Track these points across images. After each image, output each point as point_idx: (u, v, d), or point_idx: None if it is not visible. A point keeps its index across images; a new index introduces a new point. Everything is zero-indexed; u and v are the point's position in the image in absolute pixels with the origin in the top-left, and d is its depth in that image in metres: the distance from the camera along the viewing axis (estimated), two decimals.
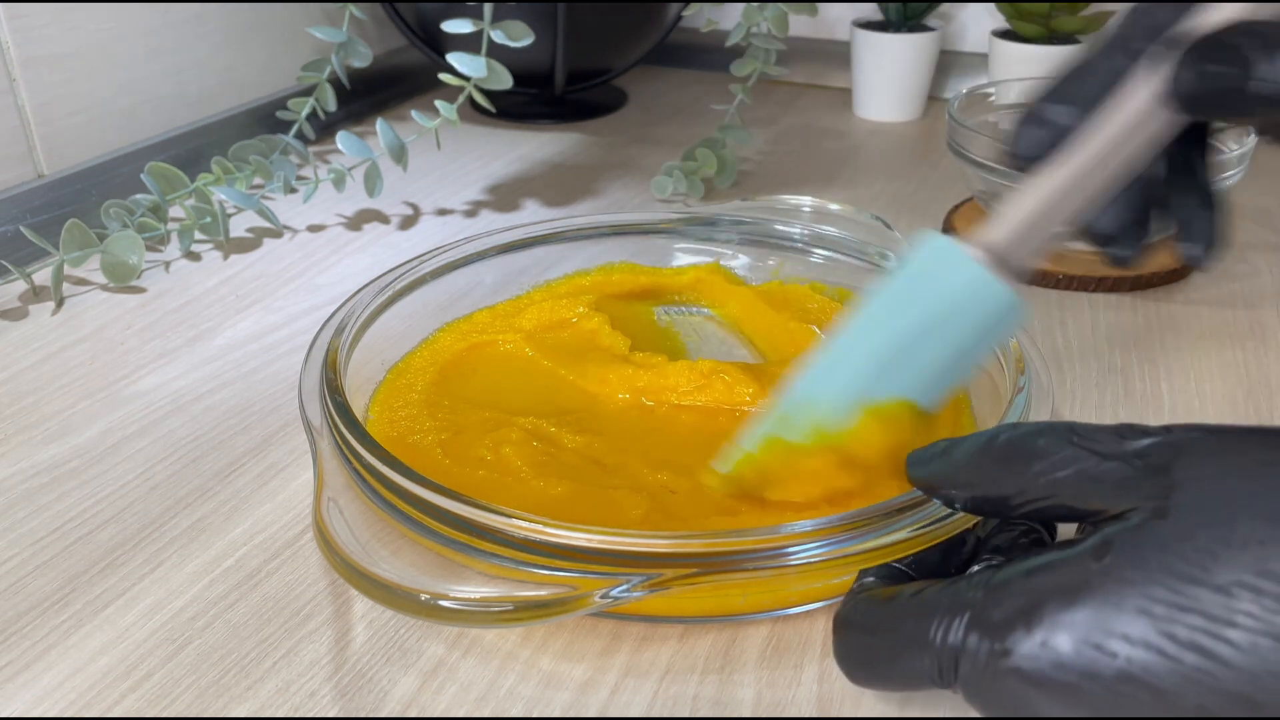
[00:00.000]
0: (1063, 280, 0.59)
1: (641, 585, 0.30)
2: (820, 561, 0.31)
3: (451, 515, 0.33)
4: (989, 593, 0.25)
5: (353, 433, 0.36)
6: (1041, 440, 0.27)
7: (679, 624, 0.35)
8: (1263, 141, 0.31)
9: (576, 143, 0.83)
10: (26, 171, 0.64)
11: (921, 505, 0.32)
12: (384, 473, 0.34)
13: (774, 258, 0.55)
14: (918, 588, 0.27)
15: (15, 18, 0.61)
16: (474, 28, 0.63)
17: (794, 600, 0.34)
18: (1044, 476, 0.26)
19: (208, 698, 0.32)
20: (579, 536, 0.31)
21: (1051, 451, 0.26)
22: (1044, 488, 0.26)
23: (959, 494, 0.29)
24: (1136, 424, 0.26)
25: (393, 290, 0.47)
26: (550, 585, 0.31)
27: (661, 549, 0.31)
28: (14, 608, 0.36)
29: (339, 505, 0.34)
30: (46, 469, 0.43)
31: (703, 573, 0.31)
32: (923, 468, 0.30)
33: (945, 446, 0.30)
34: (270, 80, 0.81)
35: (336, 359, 0.41)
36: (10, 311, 0.56)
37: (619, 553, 0.31)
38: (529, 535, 0.31)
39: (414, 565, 0.32)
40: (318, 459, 0.36)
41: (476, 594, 0.30)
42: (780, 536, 0.31)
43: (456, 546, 0.33)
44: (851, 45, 0.88)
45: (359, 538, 0.32)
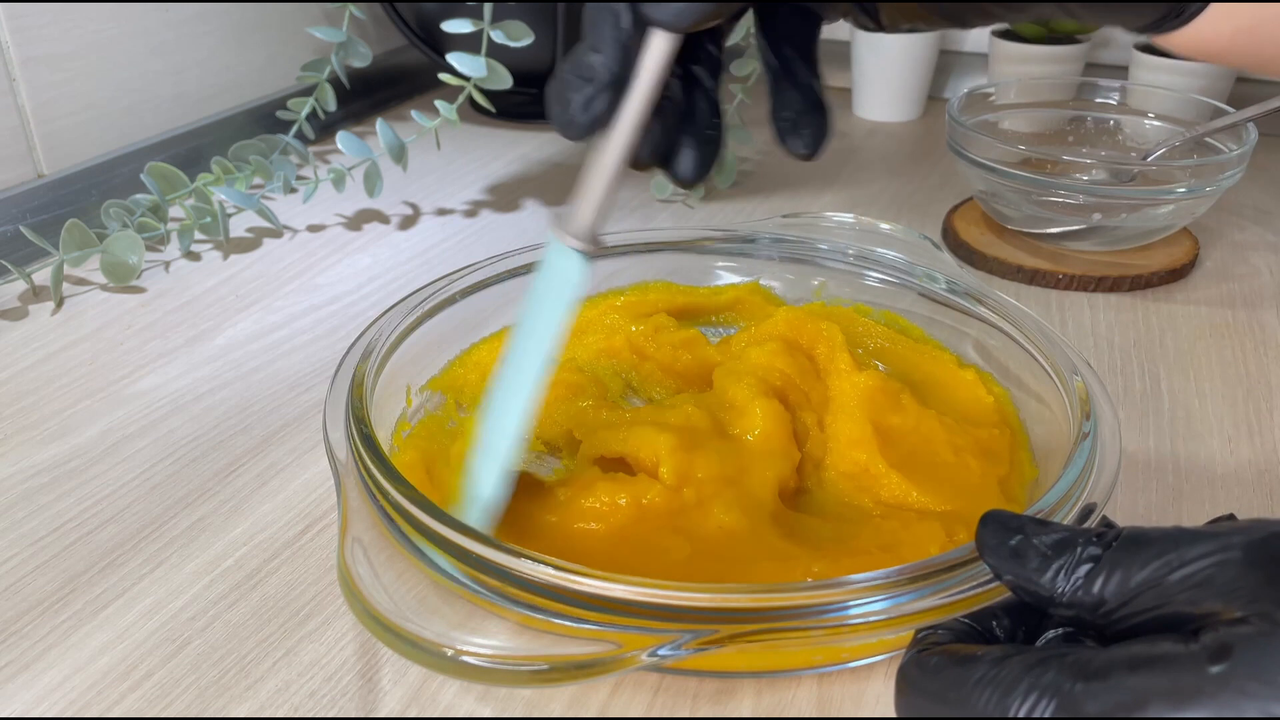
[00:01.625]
0: (1063, 280, 0.59)
1: (693, 643, 0.28)
2: (882, 620, 0.29)
3: (481, 560, 0.30)
4: (1085, 683, 0.22)
5: (380, 468, 0.33)
6: (1154, 546, 0.24)
7: None
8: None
9: (576, 143, 0.83)
10: (26, 171, 0.64)
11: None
12: (412, 512, 0.31)
13: (818, 277, 0.51)
14: (997, 655, 0.24)
15: (15, 18, 0.61)
16: (474, 28, 0.63)
17: (847, 657, 0.32)
18: (1160, 582, 0.24)
19: (208, 698, 0.32)
20: (618, 588, 0.28)
21: (1165, 555, 0.24)
22: (1157, 596, 0.24)
23: (1056, 606, 0.25)
24: (1234, 520, 0.24)
25: (421, 310, 0.44)
26: (587, 640, 0.28)
27: (711, 603, 0.28)
28: (14, 607, 0.36)
29: (363, 545, 0.31)
30: (46, 469, 0.43)
31: (762, 631, 0.28)
32: (1011, 561, 0.27)
33: (1030, 533, 0.27)
34: (270, 80, 0.81)
35: (363, 386, 0.38)
36: (10, 311, 0.56)
37: (665, 606, 0.28)
38: (562, 584, 0.29)
39: (441, 615, 0.30)
40: (342, 494, 0.33)
41: (509, 650, 0.27)
42: (842, 591, 0.29)
43: (487, 594, 0.30)
44: (851, 45, 0.88)
45: (383, 581, 0.30)
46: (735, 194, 0.72)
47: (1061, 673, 0.23)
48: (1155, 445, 0.45)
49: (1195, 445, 0.45)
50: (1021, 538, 0.27)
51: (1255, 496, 0.42)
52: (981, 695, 0.24)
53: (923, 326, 0.49)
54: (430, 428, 0.42)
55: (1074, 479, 0.33)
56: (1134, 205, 0.58)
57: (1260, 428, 0.46)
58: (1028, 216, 0.61)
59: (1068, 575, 0.25)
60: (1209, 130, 0.62)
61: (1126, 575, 0.24)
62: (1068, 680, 0.23)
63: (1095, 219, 0.59)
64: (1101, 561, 0.25)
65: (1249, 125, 0.60)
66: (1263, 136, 0.63)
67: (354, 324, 0.54)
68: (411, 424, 0.43)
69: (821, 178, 0.75)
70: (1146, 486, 0.42)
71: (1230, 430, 0.46)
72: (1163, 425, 0.46)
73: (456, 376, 0.46)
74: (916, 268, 0.49)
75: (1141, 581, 0.24)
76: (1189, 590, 0.23)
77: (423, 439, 0.41)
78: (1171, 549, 0.24)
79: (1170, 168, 0.60)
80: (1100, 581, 0.25)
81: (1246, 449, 0.45)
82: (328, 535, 0.39)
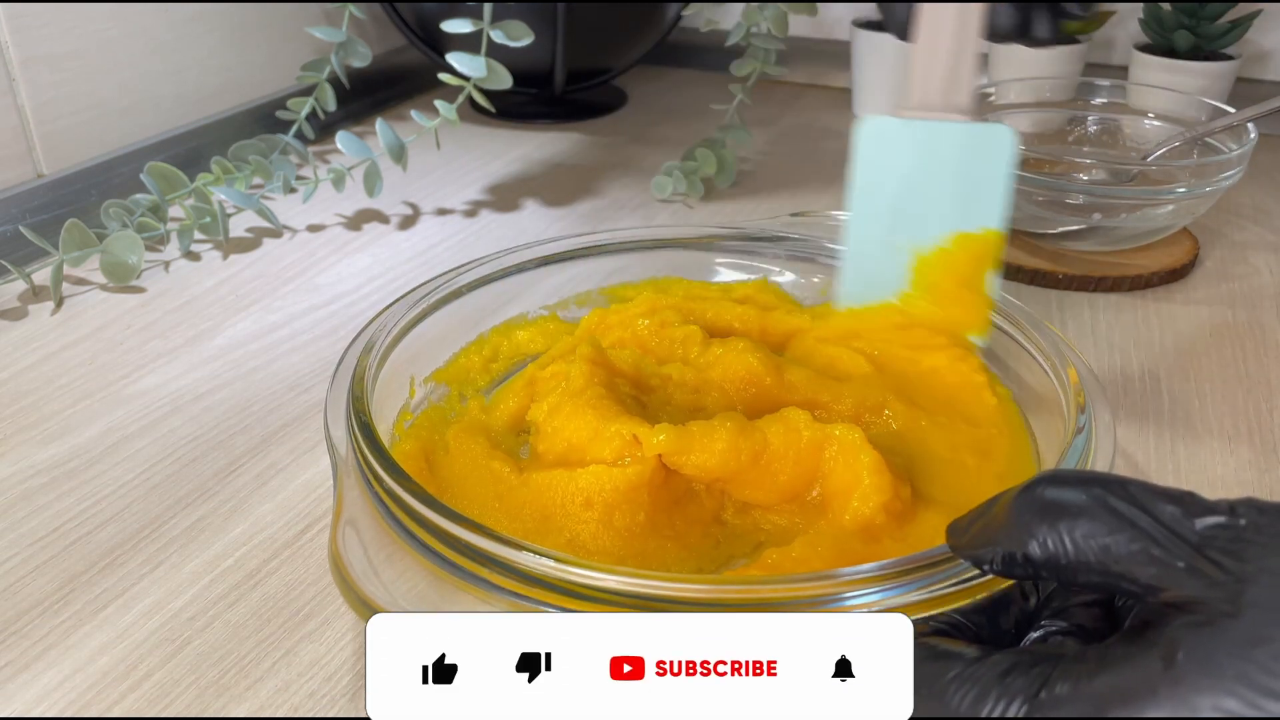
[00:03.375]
0: (1063, 280, 0.59)
1: None
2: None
3: (473, 549, 0.30)
4: (1049, 690, 0.23)
5: (375, 455, 0.33)
6: (1088, 496, 0.24)
7: None
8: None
9: (576, 143, 0.83)
10: (26, 171, 0.64)
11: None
12: (405, 499, 0.31)
13: (820, 275, 0.51)
14: (973, 654, 0.25)
15: (15, 18, 0.61)
16: (474, 28, 0.63)
17: None
18: (1094, 540, 0.24)
19: (207, 698, 0.32)
20: (611, 579, 0.28)
21: (1099, 512, 0.24)
22: (1095, 553, 0.24)
23: (995, 556, 0.26)
24: (1198, 497, 0.24)
25: (428, 303, 0.44)
26: None
27: (705, 596, 0.28)
28: (14, 607, 0.36)
29: (357, 531, 0.31)
30: (46, 469, 0.43)
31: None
32: (960, 535, 0.27)
33: (984, 506, 0.27)
34: (270, 80, 0.81)
35: (364, 374, 0.38)
36: (10, 311, 0.56)
37: (659, 598, 0.28)
38: (556, 574, 0.29)
39: (434, 605, 0.30)
40: (338, 481, 0.34)
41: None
42: (834, 583, 0.29)
43: (481, 584, 0.30)
44: (851, 45, 0.88)
45: (375, 566, 0.30)
46: (735, 194, 0.72)
47: (1031, 681, 0.23)
48: (1155, 445, 0.45)
49: (1195, 445, 0.45)
50: (974, 512, 0.27)
51: (1255, 496, 0.42)
52: (955, 694, 0.24)
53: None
54: (432, 418, 0.42)
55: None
56: (1134, 205, 0.58)
57: (1260, 428, 0.46)
58: (1028, 216, 0.61)
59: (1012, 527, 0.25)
60: (1209, 130, 0.62)
61: (1066, 531, 0.24)
62: (1035, 687, 0.23)
63: (1095, 219, 0.59)
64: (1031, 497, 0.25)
65: (1249, 125, 0.60)
66: (1263, 136, 0.63)
67: (354, 324, 0.54)
68: (414, 415, 0.43)
69: (821, 177, 0.75)
70: None
71: (1230, 430, 0.46)
72: (1163, 425, 0.46)
73: (461, 368, 0.46)
74: None
75: (1083, 535, 0.24)
76: (1125, 561, 0.23)
77: (424, 429, 0.41)
78: (1100, 506, 0.24)
79: (1170, 168, 0.60)
80: (1036, 542, 0.25)
81: (1246, 449, 0.45)
82: (328, 535, 0.39)
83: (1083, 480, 0.25)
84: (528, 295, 0.49)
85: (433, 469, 0.38)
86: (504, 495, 0.37)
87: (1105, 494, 0.24)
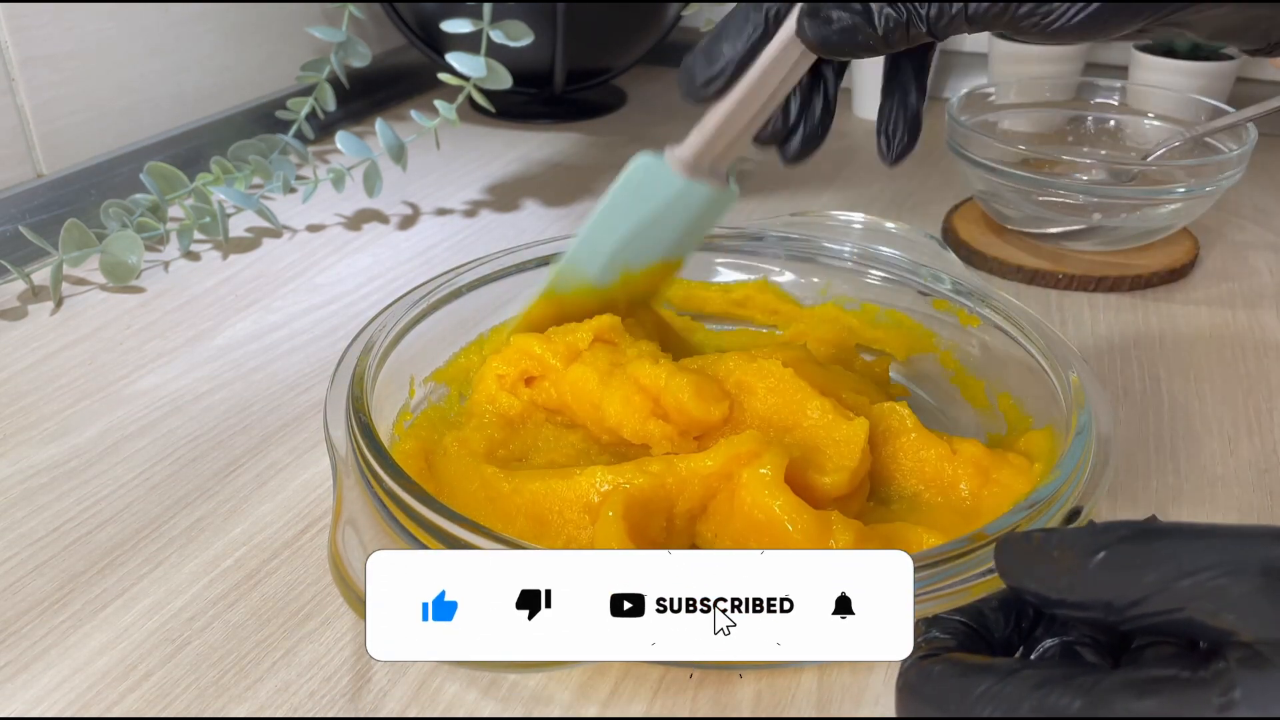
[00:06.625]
0: (1063, 280, 0.59)
1: None
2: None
3: (473, 549, 0.30)
4: (1089, 704, 0.22)
5: (374, 455, 0.33)
6: (1167, 543, 0.23)
7: None
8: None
9: (576, 142, 0.83)
10: (26, 171, 0.64)
11: (975, 552, 0.29)
12: (407, 501, 0.31)
13: (819, 276, 0.51)
14: (1002, 670, 0.24)
15: (15, 18, 0.61)
16: (473, 27, 0.63)
17: None
18: (1171, 585, 0.22)
19: (207, 698, 0.32)
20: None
21: (1179, 555, 0.23)
22: (1169, 599, 0.22)
23: (1068, 606, 0.24)
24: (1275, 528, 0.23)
25: (427, 303, 0.44)
26: None
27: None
28: (13, 608, 0.36)
29: (356, 529, 0.31)
30: (46, 469, 0.43)
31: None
32: (1026, 574, 0.25)
33: (1042, 541, 0.25)
34: (269, 80, 0.81)
35: (364, 374, 0.38)
36: (9, 311, 0.56)
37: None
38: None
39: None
40: (338, 481, 0.33)
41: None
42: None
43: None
44: None
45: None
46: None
47: (1067, 694, 0.22)
48: (1155, 446, 0.45)
49: (1195, 445, 0.45)
50: (1032, 548, 0.26)
51: (1255, 496, 0.42)
52: (985, 709, 0.23)
53: (925, 324, 0.48)
54: (432, 418, 0.42)
55: (1066, 476, 0.33)
56: (1134, 205, 0.58)
57: (1260, 428, 0.46)
58: (1028, 216, 0.61)
59: (1079, 576, 0.24)
60: (1209, 130, 0.62)
61: (1137, 574, 0.23)
62: (1073, 703, 0.22)
63: (1095, 219, 0.59)
64: (1110, 555, 0.24)
65: (1249, 125, 0.60)
66: (1263, 136, 0.63)
67: (353, 324, 0.54)
68: (414, 415, 0.43)
69: (821, 178, 0.75)
70: (1146, 487, 0.42)
71: (1230, 430, 0.46)
72: (1163, 425, 0.46)
73: (461, 368, 0.46)
74: (922, 268, 0.49)
75: (1152, 583, 0.23)
76: (1202, 599, 0.22)
77: (424, 429, 0.41)
78: (1184, 549, 0.23)
79: (1170, 168, 0.60)
80: (1109, 578, 0.24)
81: (1246, 449, 0.45)
82: (327, 535, 0.39)
83: (1160, 529, 0.24)
84: (527, 295, 0.49)
85: (432, 469, 0.38)
86: (496, 499, 0.36)
87: (1185, 538, 0.23)
